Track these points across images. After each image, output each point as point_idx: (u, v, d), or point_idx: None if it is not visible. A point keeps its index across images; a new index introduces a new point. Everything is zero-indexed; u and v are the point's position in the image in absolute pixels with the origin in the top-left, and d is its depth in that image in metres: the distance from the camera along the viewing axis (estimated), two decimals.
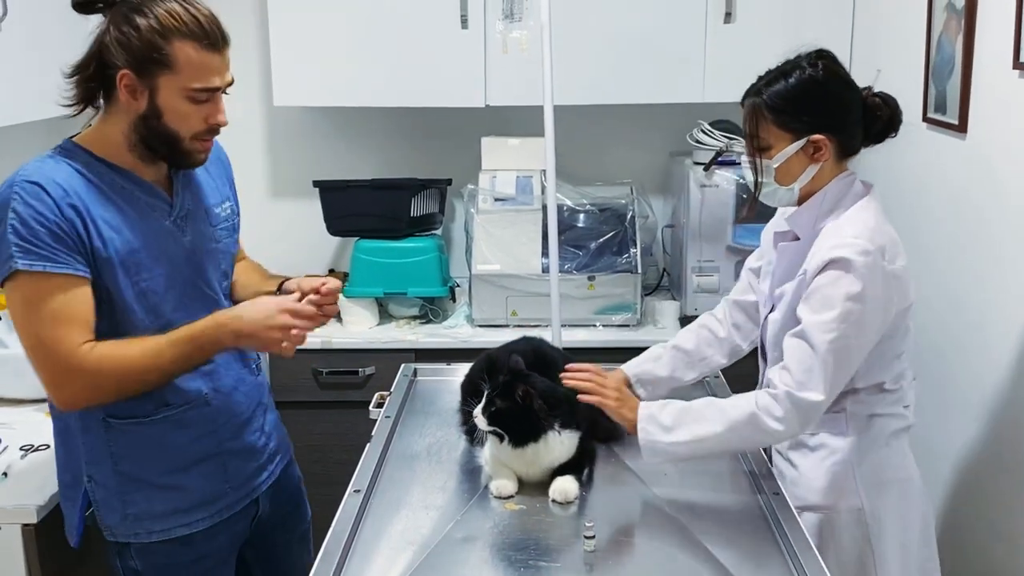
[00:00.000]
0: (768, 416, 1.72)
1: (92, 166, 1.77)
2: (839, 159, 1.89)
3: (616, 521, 1.62)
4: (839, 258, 1.75)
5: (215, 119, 1.78)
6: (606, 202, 3.25)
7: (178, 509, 1.87)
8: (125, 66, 1.70)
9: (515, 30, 2.64)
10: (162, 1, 1.71)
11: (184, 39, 1.70)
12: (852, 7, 3.11)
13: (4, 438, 2.23)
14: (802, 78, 1.87)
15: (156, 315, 1.79)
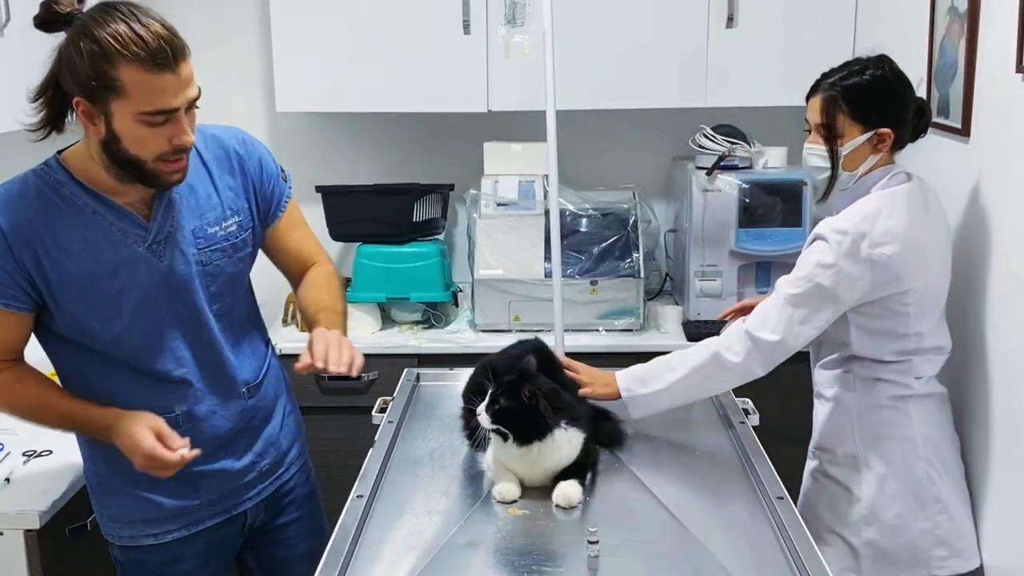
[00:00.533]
0: (728, 352, 2.01)
1: (66, 188, 1.74)
2: (892, 151, 2.14)
3: (620, 526, 1.62)
4: (819, 234, 2.05)
5: (178, 140, 1.68)
6: (608, 207, 3.25)
7: (146, 519, 1.88)
8: (77, 93, 1.64)
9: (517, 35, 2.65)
10: (108, 22, 1.61)
11: (129, 62, 1.60)
12: (854, 11, 3.11)
13: (7, 444, 2.23)
14: (876, 76, 2.09)
15: (125, 340, 1.79)
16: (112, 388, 1.82)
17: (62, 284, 1.73)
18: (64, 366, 1.84)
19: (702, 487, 1.77)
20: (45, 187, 1.74)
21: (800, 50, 3.15)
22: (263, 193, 1.95)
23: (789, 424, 3.09)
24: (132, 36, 1.60)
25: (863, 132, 2.08)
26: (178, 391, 1.85)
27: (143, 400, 1.81)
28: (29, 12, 2.52)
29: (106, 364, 1.81)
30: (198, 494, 1.90)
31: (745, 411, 2.08)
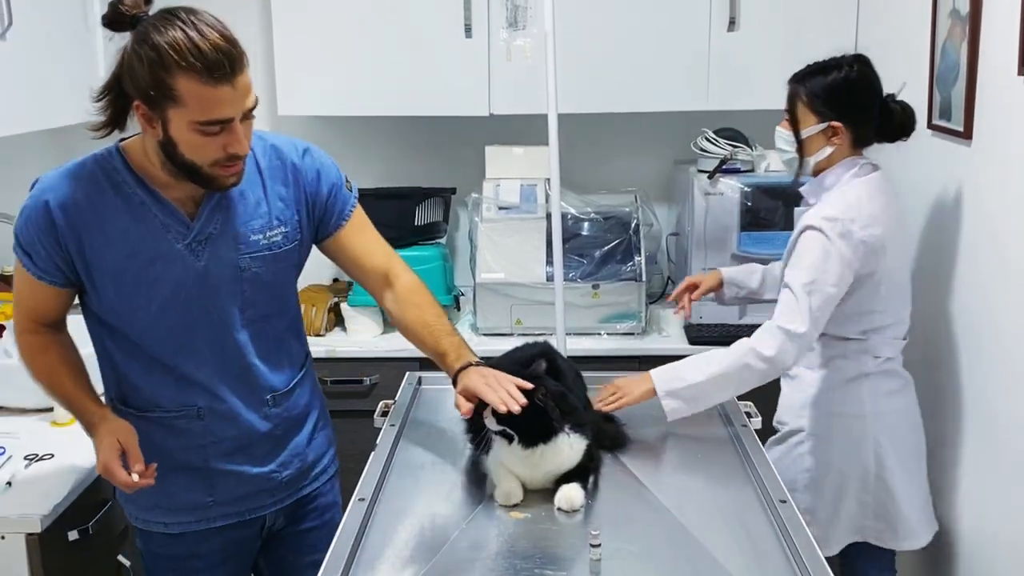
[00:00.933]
0: (762, 346, 2.12)
1: (119, 176, 1.79)
2: (853, 146, 2.29)
3: (622, 529, 1.62)
4: (811, 225, 2.20)
5: (232, 149, 1.70)
6: (610, 210, 3.25)
7: (159, 506, 1.92)
8: (136, 97, 1.67)
9: (519, 38, 2.65)
10: (168, 30, 1.62)
11: (186, 73, 1.61)
12: (856, 15, 3.11)
13: (8, 448, 2.23)
14: (838, 76, 2.26)
15: (151, 331, 1.83)
16: (137, 376, 1.87)
17: (99, 267, 1.78)
18: (98, 346, 1.90)
19: (705, 490, 1.76)
20: (99, 172, 1.79)
21: (802, 53, 3.11)
22: (320, 204, 1.95)
23: None
24: (190, 46, 1.61)
25: (817, 123, 2.27)
26: (199, 388, 1.87)
27: (165, 392, 1.87)
28: (31, 16, 2.54)
29: (135, 351, 1.85)
30: (212, 492, 1.92)
31: (747, 414, 2.07)
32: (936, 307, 2.54)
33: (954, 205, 2.43)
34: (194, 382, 1.87)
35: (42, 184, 1.79)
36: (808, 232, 2.20)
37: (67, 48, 2.81)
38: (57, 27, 2.75)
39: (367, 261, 2.02)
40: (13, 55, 2.49)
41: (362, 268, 2.03)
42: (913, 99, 2.63)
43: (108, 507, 2.21)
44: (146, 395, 1.87)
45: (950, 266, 2.45)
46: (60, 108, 2.78)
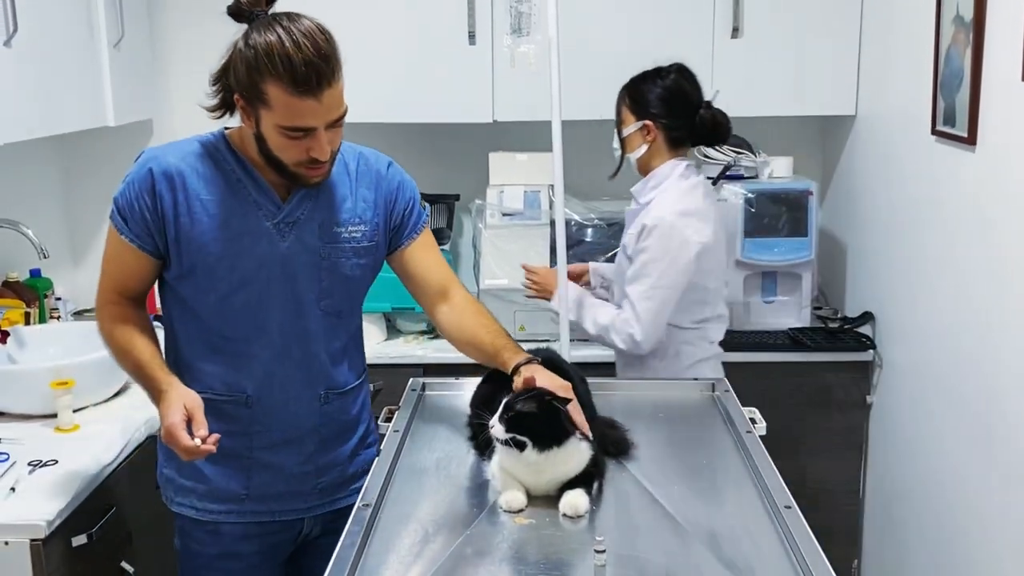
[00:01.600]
0: (615, 334, 2.50)
1: (219, 155, 1.88)
2: (670, 147, 2.56)
3: (627, 535, 1.61)
4: (648, 225, 2.44)
5: (314, 153, 1.78)
6: (614, 217, 3.25)
7: (194, 491, 1.97)
8: (236, 90, 1.77)
9: (523, 45, 2.65)
10: (268, 34, 1.70)
11: (276, 80, 1.70)
12: (859, 21, 3.11)
13: (12, 453, 2.23)
14: (655, 83, 2.56)
15: (226, 305, 1.89)
16: (196, 355, 1.94)
17: (189, 235, 1.85)
18: (165, 323, 1.98)
19: (709, 496, 1.76)
20: (203, 148, 1.89)
21: (805, 61, 3.15)
22: (397, 213, 2.03)
23: (795, 433, 3.10)
24: (282, 55, 1.68)
25: (635, 123, 2.55)
26: (254, 374, 1.92)
27: (219, 374, 1.92)
28: (36, 23, 2.55)
29: (200, 330, 1.92)
30: (248, 485, 1.97)
31: (752, 420, 2.07)
32: (939, 311, 2.54)
33: (958, 211, 2.43)
34: (251, 366, 1.92)
35: (147, 155, 1.89)
36: (646, 233, 2.45)
37: (72, 55, 2.81)
38: (62, 34, 2.76)
39: (428, 276, 2.08)
40: (19, 62, 2.49)
41: (422, 282, 2.08)
42: (917, 105, 2.64)
43: (112, 513, 2.21)
44: (200, 376, 1.92)
45: (954, 271, 2.45)
46: (65, 114, 2.78)
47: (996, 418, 2.24)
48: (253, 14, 1.75)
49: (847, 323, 3.15)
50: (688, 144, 2.60)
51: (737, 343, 3.10)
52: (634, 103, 2.58)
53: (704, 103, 2.55)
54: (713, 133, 2.56)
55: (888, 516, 2.98)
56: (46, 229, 3.10)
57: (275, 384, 1.94)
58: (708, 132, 2.55)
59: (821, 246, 3.30)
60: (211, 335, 1.92)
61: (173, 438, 1.74)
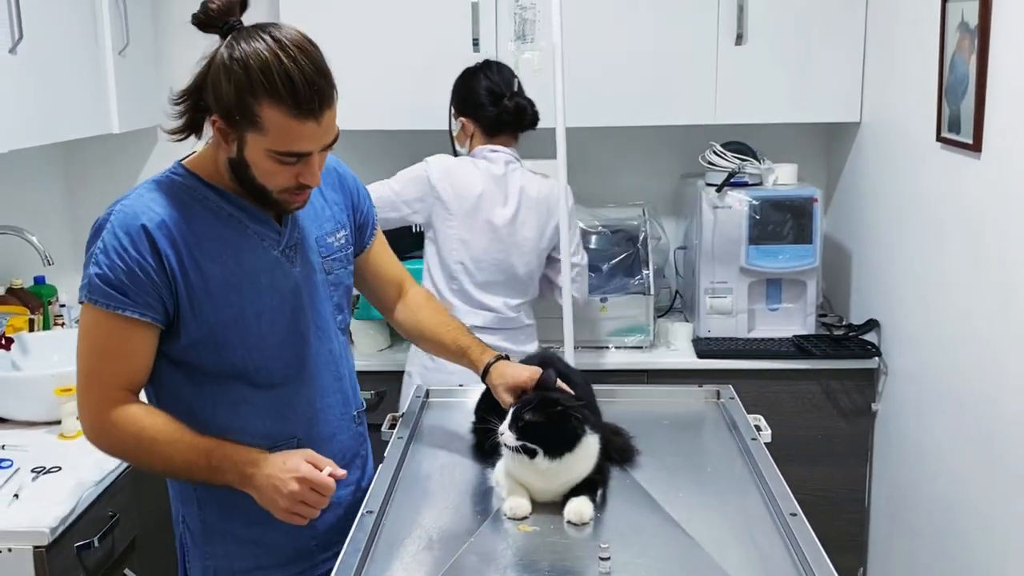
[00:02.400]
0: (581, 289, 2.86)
1: (199, 192, 1.68)
2: (488, 137, 2.77)
3: (631, 542, 1.60)
4: None
5: (305, 179, 1.63)
6: (618, 224, 3.25)
7: (259, 567, 1.78)
8: (216, 111, 1.58)
9: (527, 51, 2.65)
10: (261, 52, 1.53)
11: (274, 102, 1.53)
12: (863, 27, 3.11)
13: (16, 460, 2.23)
14: (463, 82, 2.80)
15: (259, 351, 1.72)
16: (225, 416, 1.72)
17: (205, 288, 1.65)
18: (170, 402, 1.72)
19: (714, 504, 1.75)
20: (178, 191, 1.67)
21: (809, 67, 3.15)
22: (361, 212, 1.94)
23: (800, 440, 3.09)
24: (282, 74, 1.52)
25: (455, 118, 2.80)
26: (301, 410, 1.77)
27: (260, 426, 1.73)
28: (42, 30, 2.56)
29: (224, 387, 1.71)
30: (315, 533, 1.81)
31: (756, 427, 2.06)
32: (945, 319, 2.53)
33: (964, 218, 2.42)
34: (295, 408, 1.76)
35: (124, 213, 1.62)
36: None
37: (77, 62, 2.82)
38: (67, 41, 2.76)
39: (386, 272, 2.01)
40: (24, 69, 2.50)
41: (381, 280, 2.01)
42: (922, 112, 2.64)
43: (115, 520, 2.21)
44: (236, 438, 1.69)
45: (959, 279, 2.44)
46: (70, 122, 2.79)
47: (1002, 426, 2.23)
48: (227, 24, 1.58)
49: (852, 330, 3.14)
50: (506, 132, 2.76)
51: (742, 350, 3.09)
52: (453, 102, 2.80)
53: (509, 93, 2.71)
54: (519, 119, 2.73)
55: (893, 524, 2.96)
56: (50, 236, 3.10)
57: (321, 419, 1.80)
58: (514, 119, 2.73)
59: (826, 253, 3.30)
60: (244, 391, 1.72)
61: (319, 483, 1.58)
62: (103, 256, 1.61)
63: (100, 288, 1.61)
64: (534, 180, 2.78)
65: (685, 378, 2.97)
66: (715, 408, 2.19)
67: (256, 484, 1.61)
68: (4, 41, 2.40)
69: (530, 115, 2.76)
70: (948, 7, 2.45)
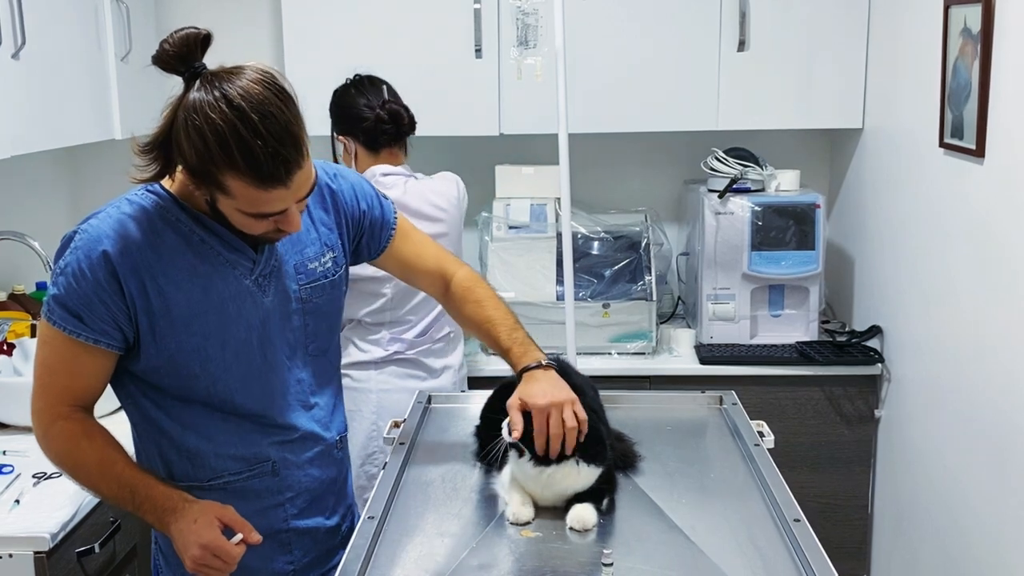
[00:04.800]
0: None
1: (172, 214, 1.62)
2: (370, 153, 2.69)
3: (634, 549, 1.60)
4: None
5: (285, 226, 1.58)
6: (620, 230, 3.25)
7: None
8: (183, 167, 1.53)
9: (529, 57, 2.66)
10: (217, 119, 1.44)
11: (236, 175, 1.47)
12: (866, 33, 3.11)
13: (16, 466, 2.22)
14: (335, 101, 2.74)
15: (224, 380, 1.68)
16: (197, 440, 1.69)
17: (167, 316, 1.61)
18: (141, 418, 1.71)
19: (717, 510, 1.74)
20: (150, 211, 1.62)
21: (811, 73, 3.15)
22: (366, 220, 1.85)
23: (803, 447, 3.09)
24: (242, 149, 1.44)
25: (336, 139, 2.73)
26: (274, 436, 1.74)
27: (233, 451, 1.71)
28: (44, 36, 2.56)
29: (191, 411, 1.68)
30: (292, 555, 1.79)
31: (760, 433, 2.05)
32: (948, 325, 2.53)
33: (967, 224, 2.42)
34: (266, 433, 1.73)
35: (88, 235, 1.59)
36: None
37: (80, 68, 2.82)
38: (70, 47, 2.76)
39: (420, 265, 1.94)
40: (27, 74, 2.50)
41: (417, 274, 1.96)
42: (925, 118, 2.64)
43: (116, 526, 2.20)
44: (210, 461, 1.69)
45: (962, 284, 2.43)
46: (72, 127, 2.79)
47: (1006, 432, 2.22)
48: (188, 67, 1.51)
49: (855, 337, 3.13)
50: (388, 144, 2.68)
51: (744, 356, 3.09)
52: (332, 124, 2.73)
53: (380, 102, 2.65)
54: (396, 126, 2.66)
55: (897, 531, 2.95)
56: (52, 242, 3.08)
57: (294, 447, 1.76)
58: (392, 127, 2.65)
59: (828, 259, 3.29)
60: (212, 416, 1.68)
61: (222, 552, 1.54)
62: (62, 278, 1.59)
63: (57, 310, 1.59)
64: (437, 185, 2.75)
65: (688, 384, 2.97)
66: (718, 414, 2.19)
67: (171, 533, 1.59)
68: (7, 46, 2.40)
69: (407, 119, 2.68)
70: (951, 13, 2.45)
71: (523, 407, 1.69)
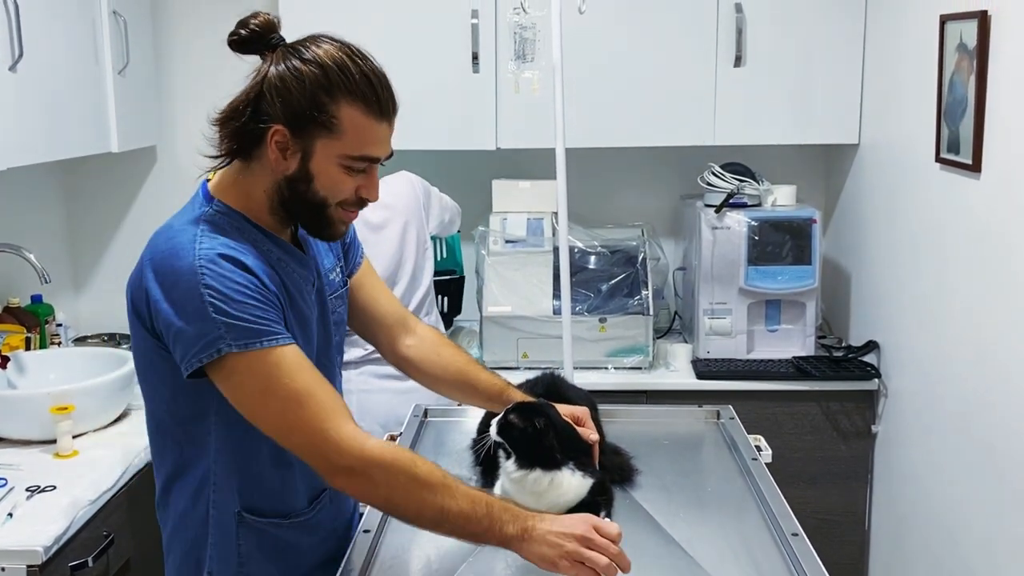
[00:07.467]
0: None
1: (248, 234, 1.53)
2: None
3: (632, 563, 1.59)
4: None
5: (366, 193, 1.53)
6: (617, 244, 3.24)
7: None
8: (279, 121, 1.45)
9: (527, 71, 2.65)
10: (332, 54, 1.47)
11: (353, 101, 1.45)
12: (862, 49, 3.12)
13: (10, 479, 2.21)
14: None
15: None
16: (270, 475, 1.59)
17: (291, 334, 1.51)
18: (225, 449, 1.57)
19: (715, 524, 1.74)
20: (229, 230, 1.51)
21: (808, 89, 3.16)
22: (346, 240, 1.80)
23: (800, 462, 3.08)
24: (360, 74, 1.46)
25: None
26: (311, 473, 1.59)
27: (299, 483, 1.63)
28: (41, 48, 2.56)
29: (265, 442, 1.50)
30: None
31: (757, 448, 2.05)
32: (945, 340, 2.52)
33: (963, 239, 2.42)
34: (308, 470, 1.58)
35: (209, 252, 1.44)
36: None
37: (77, 81, 2.82)
38: (67, 59, 2.77)
39: (383, 303, 1.86)
40: (24, 87, 2.50)
41: (377, 311, 1.85)
42: (921, 133, 2.64)
43: (110, 541, 2.19)
44: (279, 495, 1.61)
45: (959, 300, 2.43)
46: (69, 140, 2.79)
47: (1003, 447, 2.22)
48: (270, 42, 1.49)
49: (852, 352, 3.13)
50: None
51: (741, 371, 3.08)
52: None
53: None
54: None
55: (894, 547, 2.94)
56: (48, 254, 3.10)
57: None
58: None
59: (825, 274, 3.30)
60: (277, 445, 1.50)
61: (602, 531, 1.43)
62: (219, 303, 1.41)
63: (242, 333, 1.42)
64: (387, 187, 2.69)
65: (684, 399, 2.96)
66: (715, 428, 2.19)
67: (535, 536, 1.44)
68: (4, 59, 2.40)
69: None
70: (947, 28, 2.46)
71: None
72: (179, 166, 3.45)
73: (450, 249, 3.37)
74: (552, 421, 1.68)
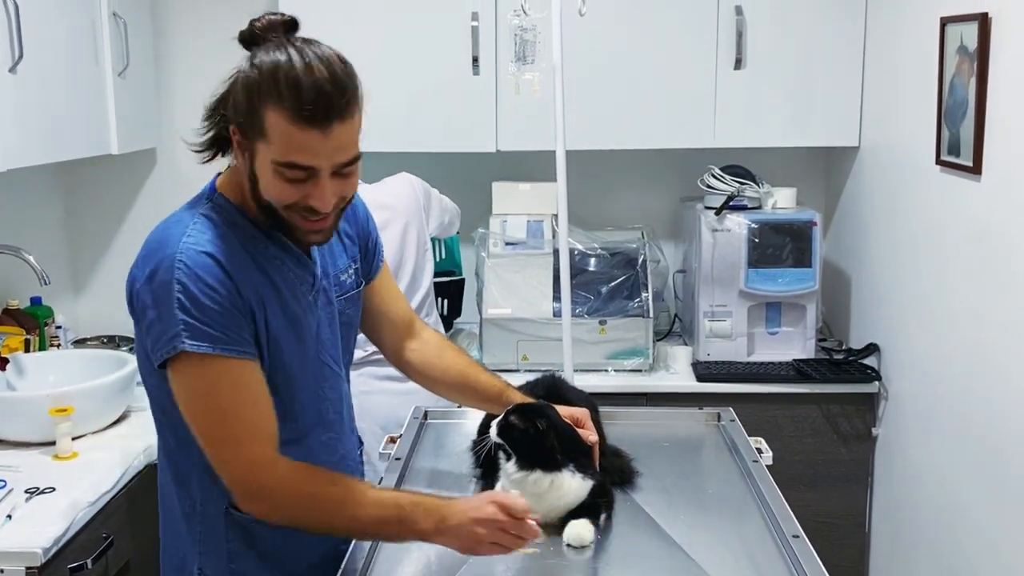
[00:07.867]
0: None
1: (242, 230, 1.54)
2: None
3: (632, 566, 1.59)
4: None
5: (314, 201, 1.48)
6: (617, 246, 3.24)
7: None
8: (233, 120, 1.48)
9: (527, 72, 2.65)
10: (276, 52, 1.43)
11: (276, 104, 1.41)
12: (862, 51, 3.12)
13: (9, 481, 2.21)
14: None
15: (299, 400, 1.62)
16: None
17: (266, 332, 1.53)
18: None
19: (716, 526, 1.73)
20: (223, 224, 1.53)
21: (808, 91, 3.16)
22: (371, 243, 1.82)
23: (800, 465, 3.07)
24: (289, 76, 1.41)
25: None
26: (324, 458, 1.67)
27: None
28: (41, 50, 2.56)
29: None
30: None
31: (758, 450, 2.05)
32: (945, 343, 2.52)
33: (964, 241, 2.42)
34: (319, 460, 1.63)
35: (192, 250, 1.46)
36: None
37: (77, 82, 2.82)
38: (67, 61, 2.76)
39: (394, 307, 1.89)
40: (23, 88, 2.49)
41: (389, 315, 1.88)
42: (921, 135, 2.64)
43: (109, 543, 2.18)
44: None
45: (959, 302, 2.43)
46: (69, 142, 2.79)
47: (1004, 450, 2.21)
48: (267, 40, 1.50)
49: (852, 355, 3.13)
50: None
51: (741, 374, 3.08)
52: None
53: None
54: None
55: (894, 550, 2.94)
56: (47, 256, 3.09)
57: (345, 466, 1.73)
58: None
59: (825, 277, 3.29)
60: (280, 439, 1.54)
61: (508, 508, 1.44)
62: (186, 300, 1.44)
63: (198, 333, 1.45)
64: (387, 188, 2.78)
65: (684, 402, 2.95)
66: (716, 431, 2.18)
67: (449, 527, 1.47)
68: (4, 60, 2.40)
69: None
70: (947, 31, 2.46)
71: None
72: (179, 168, 3.45)
73: (448, 250, 3.37)
74: (553, 422, 1.68)
